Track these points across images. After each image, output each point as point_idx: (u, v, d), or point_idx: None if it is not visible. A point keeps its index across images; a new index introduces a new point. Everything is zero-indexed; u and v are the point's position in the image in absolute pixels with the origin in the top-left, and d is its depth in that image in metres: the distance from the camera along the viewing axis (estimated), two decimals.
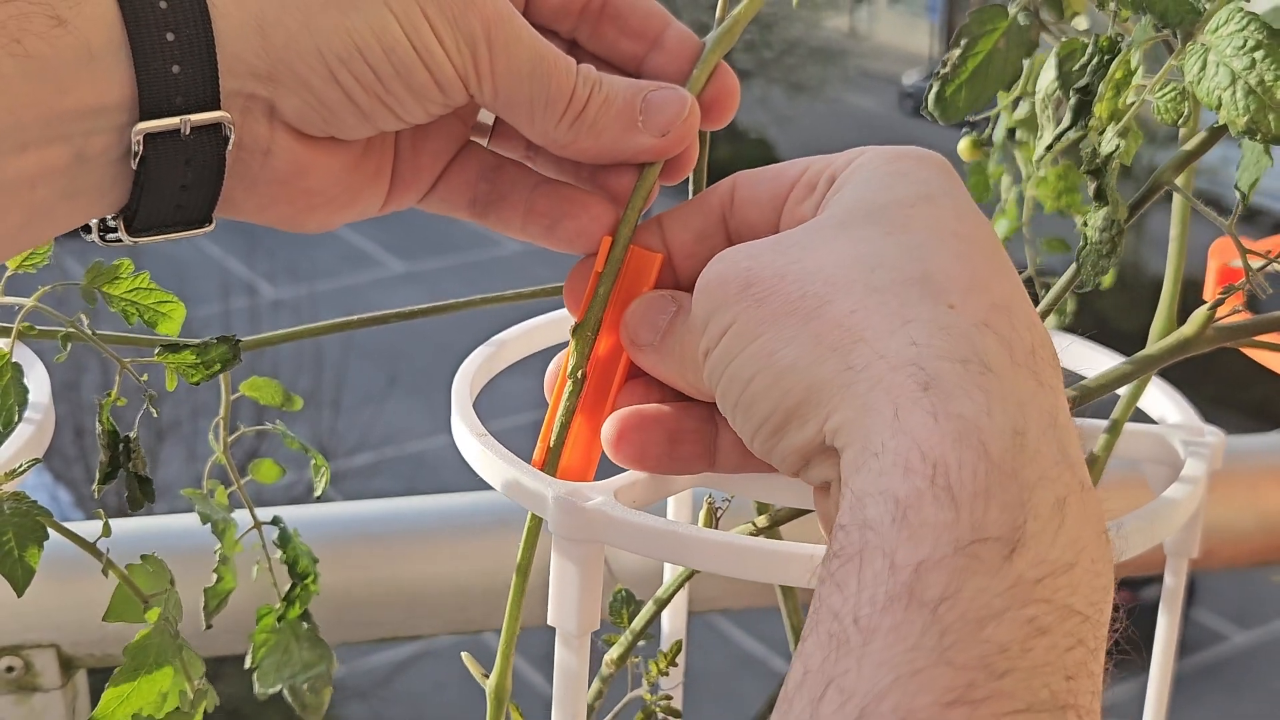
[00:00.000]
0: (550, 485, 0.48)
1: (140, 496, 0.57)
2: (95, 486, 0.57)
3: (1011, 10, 0.59)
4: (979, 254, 0.41)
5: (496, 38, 0.45)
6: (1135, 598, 0.64)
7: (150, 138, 0.41)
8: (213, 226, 0.45)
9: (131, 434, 0.56)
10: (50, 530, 0.52)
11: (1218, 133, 0.55)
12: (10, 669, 0.71)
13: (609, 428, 0.48)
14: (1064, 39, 0.59)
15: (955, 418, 0.36)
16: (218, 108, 0.42)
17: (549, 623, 0.49)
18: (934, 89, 0.58)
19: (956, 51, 0.58)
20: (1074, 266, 0.54)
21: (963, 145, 0.74)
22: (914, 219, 0.42)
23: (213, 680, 0.57)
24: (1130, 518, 0.54)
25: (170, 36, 0.41)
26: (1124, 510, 0.54)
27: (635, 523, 0.47)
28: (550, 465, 0.50)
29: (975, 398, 0.37)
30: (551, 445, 0.50)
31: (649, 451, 0.48)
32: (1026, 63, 0.59)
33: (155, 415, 0.56)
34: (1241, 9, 0.48)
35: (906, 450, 0.36)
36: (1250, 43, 0.47)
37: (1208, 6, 0.49)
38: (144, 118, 0.41)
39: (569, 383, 0.49)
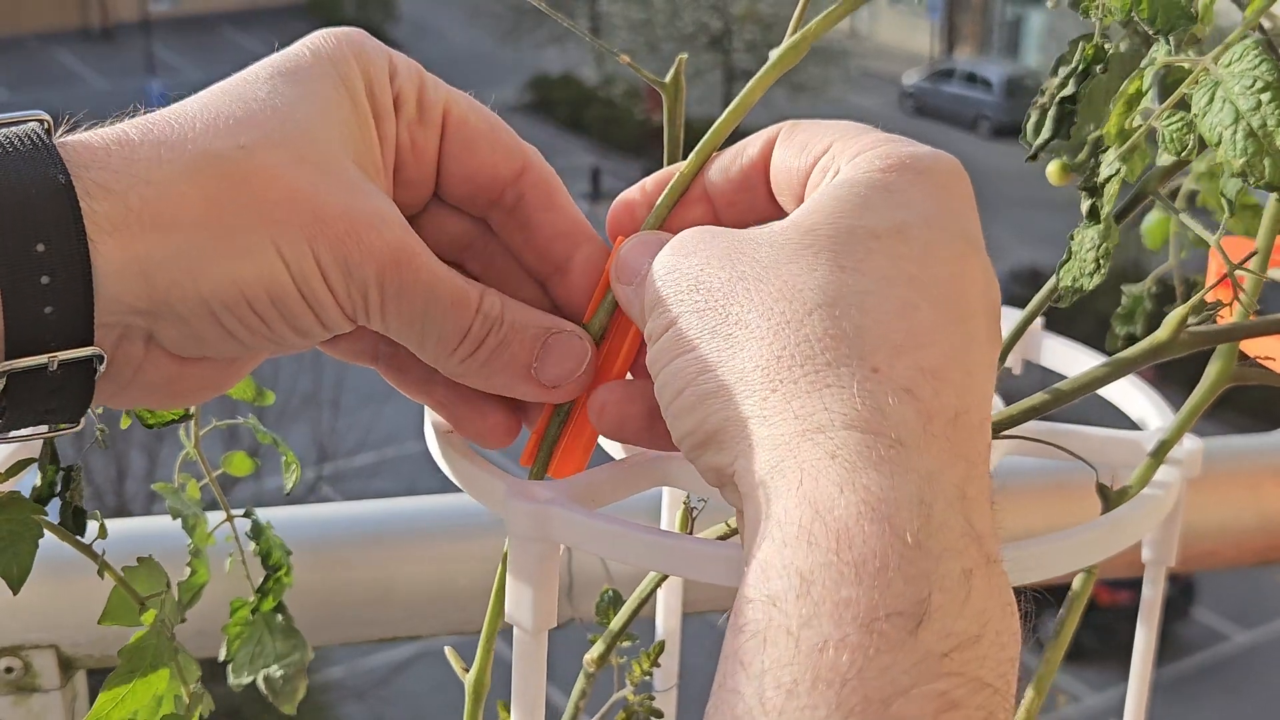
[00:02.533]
0: (503, 481, 0.47)
1: (71, 527, 0.55)
2: None
3: (1116, 39, 0.55)
4: (929, 303, 0.40)
5: (389, 283, 0.44)
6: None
7: (15, 373, 0.41)
8: (80, 425, 0.45)
9: (75, 464, 0.55)
10: (46, 531, 0.52)
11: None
12: (9, 670, 0.72)
13: (595, 397, 0.48)
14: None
15: (861, 489, 0.36)
16: (91, 344, 0.42)
17: (506, 618, 0.48)
18: (1033, 119, 0.54)
19: (1055, 80, 0.54)
20: (1054, 279, 0.53)
21: (1052, 169, 0.71)
22: (873, 253, 0.41)
23: (211, 681, 0.58)
24: (1096, 523, 0.53)
25: (45, 280, 0.40)
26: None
27: (584, 520, 0.46)
28: (541, 460, 0.49)
29: (882, 470, 0.36)
30: (544, 440, 0.49)
31: (628, 424, 0.47)
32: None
33: (104, 449, 0.56)
34: (1257, 45, 0.46)
35: (810, 522, 0.35)
36: (1259, 83, 0.45)
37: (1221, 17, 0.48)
38: (10, 356, 0.41)
39: None
